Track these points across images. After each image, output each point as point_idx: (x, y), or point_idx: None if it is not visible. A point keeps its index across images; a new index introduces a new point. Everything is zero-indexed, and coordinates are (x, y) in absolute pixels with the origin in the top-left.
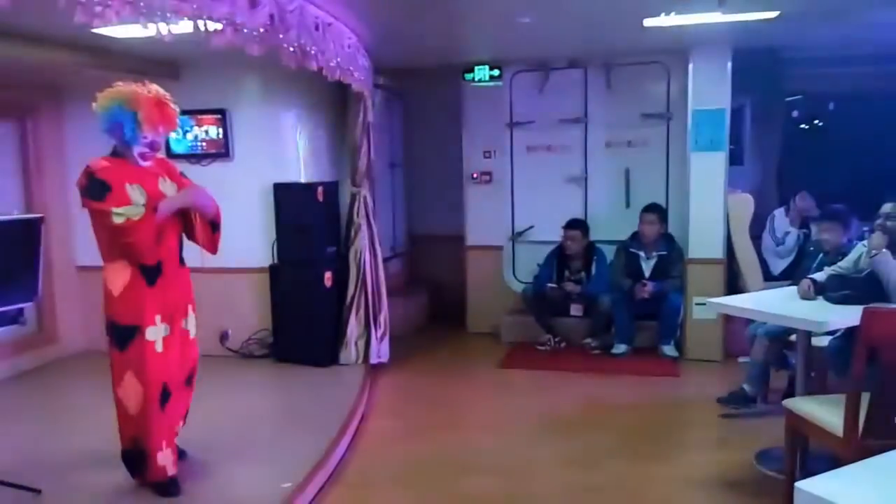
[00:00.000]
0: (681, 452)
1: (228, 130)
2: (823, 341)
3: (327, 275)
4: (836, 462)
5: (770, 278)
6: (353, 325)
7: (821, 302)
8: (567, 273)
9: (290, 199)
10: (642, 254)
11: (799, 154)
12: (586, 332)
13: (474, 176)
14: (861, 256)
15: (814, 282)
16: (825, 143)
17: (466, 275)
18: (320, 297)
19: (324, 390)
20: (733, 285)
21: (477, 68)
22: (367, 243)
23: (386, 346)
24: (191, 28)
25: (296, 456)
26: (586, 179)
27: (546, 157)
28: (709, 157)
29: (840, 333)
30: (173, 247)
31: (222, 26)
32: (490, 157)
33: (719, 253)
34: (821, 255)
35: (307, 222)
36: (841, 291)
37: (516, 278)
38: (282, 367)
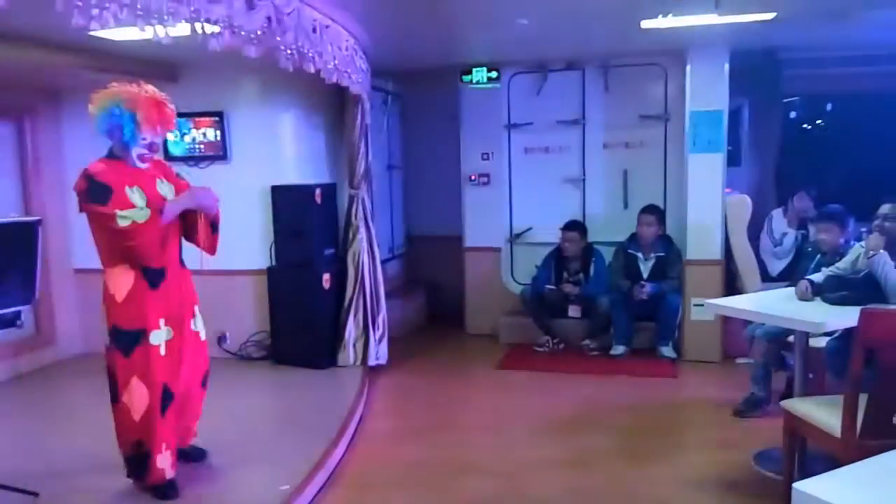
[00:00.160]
0: (679, 453)
1: (226, 133)
2: (821, 342)
3: (325, 277)
4: (834, 463)
5: (768, 279)
6: (352, 327)
7: (818, 303)
8: (565, 274)
9: (288, 202)
10: (640, 255)
11: (797, 155)
12: (585, 334)
13: (472, 178)
14: (859, 257)
15: (811, 283)
16: (823, 143)
17: (465, 276)
18: (318, 299)
19: (322, 392)
20: (731, 286)
21: (475, 70)
22: (365, 245)
23: (384, 347)
24: (188, 31)
25: (294, 458)
26: (584, 181)
27: (544, 159)
28: (707, 158)
29: (838, 334)
30: (174, 249)
31: (220, 29)
32: (488, 159)
33: (717, 254)
34: (818, 255)
35: (305, 224)
36: (839, 292)
37: (515, 280)
38: (280, 370)
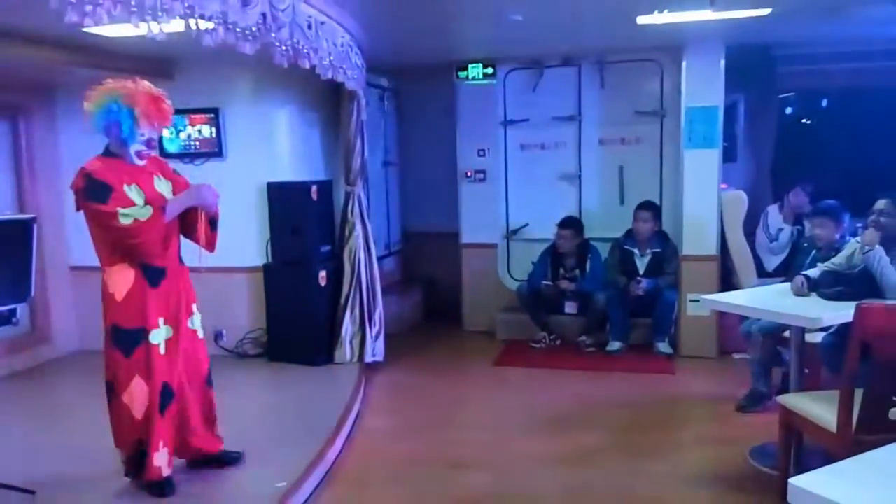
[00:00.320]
0: (675, 449)
1: (221, 129)
2: (817, 337)
3: (322, 274)
4: (829, 458)
5: (764, 275)
6: (348, 324)
7: (814, 298)
8: (562, 270)
9: (283, 199)
10: (636, 251)
11: (792, 150)
12: (581, 330)
13: (468, 174)
14: (854, 253)
15: (807, 278)
16: (818, 139)
17: (461, 273)
18: (315, 296)
19: (319, 389)
20: (727, 282)
21: (470, 66)
22: (361, 242)
23: (381, 344)
24: (183, 27)
25: (291, 455)
26: (580, 177)
27: (540, 155)
28: (702, 154)
29: (833, 330)
30: (175, 246)
31: (214, 25)
32: (484, 155)
33: (713, 249)
34: (814, 251)
35: (301, 221)
36: (834, 288)
37: (511, 276)
38: (276, 367)
